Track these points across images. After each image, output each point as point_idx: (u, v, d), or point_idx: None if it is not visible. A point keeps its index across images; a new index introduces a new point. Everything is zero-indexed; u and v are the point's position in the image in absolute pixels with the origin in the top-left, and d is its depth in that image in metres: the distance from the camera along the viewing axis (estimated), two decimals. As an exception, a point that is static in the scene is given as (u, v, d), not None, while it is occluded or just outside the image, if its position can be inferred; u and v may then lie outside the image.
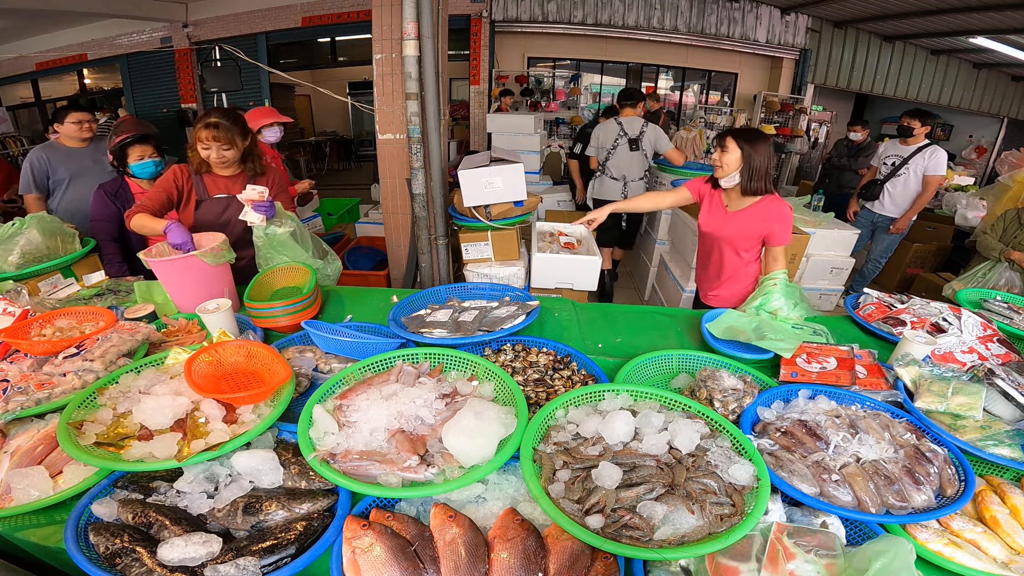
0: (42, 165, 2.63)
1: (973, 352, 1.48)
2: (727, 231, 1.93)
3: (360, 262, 3.78)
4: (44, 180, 2.66)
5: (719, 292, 2.07)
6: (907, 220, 3.93)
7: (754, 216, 1.85)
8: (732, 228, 1.91)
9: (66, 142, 2.72)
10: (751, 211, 1.86)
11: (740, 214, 1.88)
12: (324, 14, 6.77)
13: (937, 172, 3.69)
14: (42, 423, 1.13)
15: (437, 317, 1.57)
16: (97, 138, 2.80)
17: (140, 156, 2.17)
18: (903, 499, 0.95)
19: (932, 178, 3.70)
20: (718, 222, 1.95)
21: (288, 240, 1.87)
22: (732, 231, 1.91)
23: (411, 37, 2.29)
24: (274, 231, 1.84)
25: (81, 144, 2.71)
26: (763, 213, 1.84)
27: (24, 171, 2.65)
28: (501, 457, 0.95)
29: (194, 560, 0.80)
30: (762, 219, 1.84)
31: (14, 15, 6.20)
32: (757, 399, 1.21)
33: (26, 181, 2.65)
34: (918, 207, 3.84)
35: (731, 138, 1.79)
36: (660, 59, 7.91)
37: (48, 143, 2.76)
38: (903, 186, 3.86)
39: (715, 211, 1.97)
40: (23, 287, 1.65)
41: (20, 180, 2.69)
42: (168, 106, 7.43)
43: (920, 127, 3.75)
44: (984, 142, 8.61)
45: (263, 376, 1.21)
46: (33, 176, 2.63)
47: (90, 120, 2.73)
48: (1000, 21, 5.65)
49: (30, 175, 2.63)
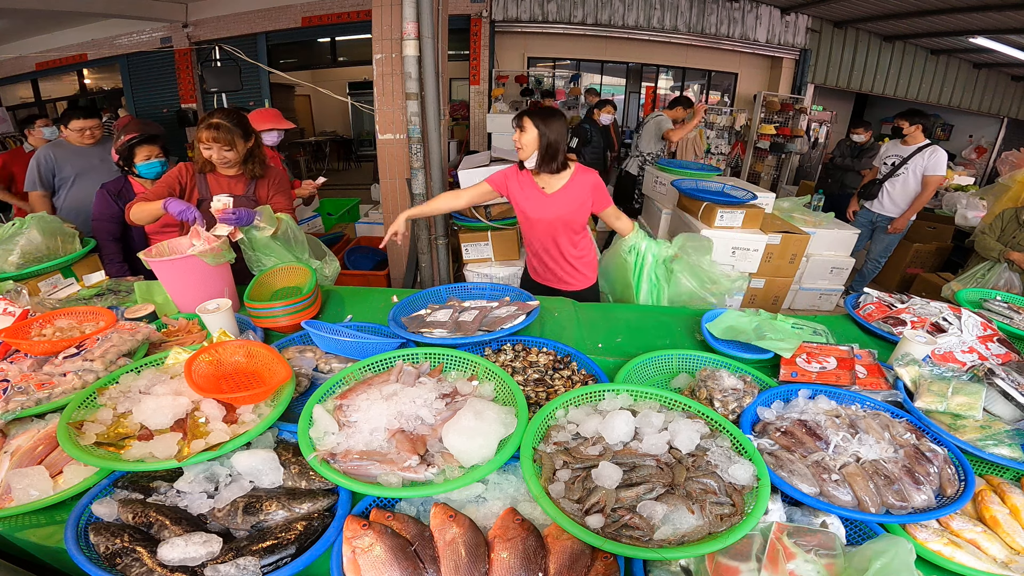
0: (48, 163, 2.66)
1: (973, 352, 1.48)
2: (556, 212, 1.95)
3: (360, 262, 3.79)
4: (50, 178, 2.69)
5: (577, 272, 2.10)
6: (905, 220, 3.93)
7: (573, 190, 1.93)
8: (560, 208, 1.94)
9: (73, 140, 2.75)
10: (569, 187, 1.93)
11: (560, 193, 1.94)
12: (324, 14, 6.77)
13: (936, 172, 3.68)
14: (42, 423, 1.13)
15: (437, 317, 1.57)
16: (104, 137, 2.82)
17: (147, 156, 2.18)
18: (903, 499, 0.95)
19: (931, 178, 3.70)
20: (542, 207, 1.97)
21: (271, 243, 1.85)
22: (563, 211, 1.94)
23: (411, 37, 2.29)
24: (254, 235, 1.83)
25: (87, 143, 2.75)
26: (579, 186, 1.93)
27: (31, 168, 2.68)
28: (501, 457, 0.95)
29: (194, 560, 0.80)
30: (581, 191, 1.93)
31: (14, 15, 6.20)
32: (757, 399, 1.21)
33: (32, 178, 2.68)
34: (917, 207, 3.83)
35: (527, 118, 1.85)
36: (660, 59, 7.91)
37: (56, 141, 2.79)
38: (902, 186, 3.86)
39: (534, 198, 1.98)
40: (23, 287, 1.65)
41: (26, 177, 2.71)
42: (168, 106, 7.44)
43: (909, 127, 3.77)
44: (984, 142, 8.61)
45: (263, 376, 1.21)
46: (39, 173, 2.66)
47: (94, 127, 2.75)
48: (1000, 21, 5.65)
49: (36, 173, 2.66)
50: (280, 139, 3.28)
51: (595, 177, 1.94)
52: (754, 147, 7.99)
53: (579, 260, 2.09)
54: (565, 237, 2.03)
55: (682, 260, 2.00)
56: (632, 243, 2.03)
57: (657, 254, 2.01)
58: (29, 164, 2.69)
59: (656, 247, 2.01)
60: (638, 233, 2.04)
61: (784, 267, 3.34)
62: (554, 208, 1.95)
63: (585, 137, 4.83)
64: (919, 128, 3.75)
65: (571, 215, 1.96)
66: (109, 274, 2.05)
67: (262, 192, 2.02)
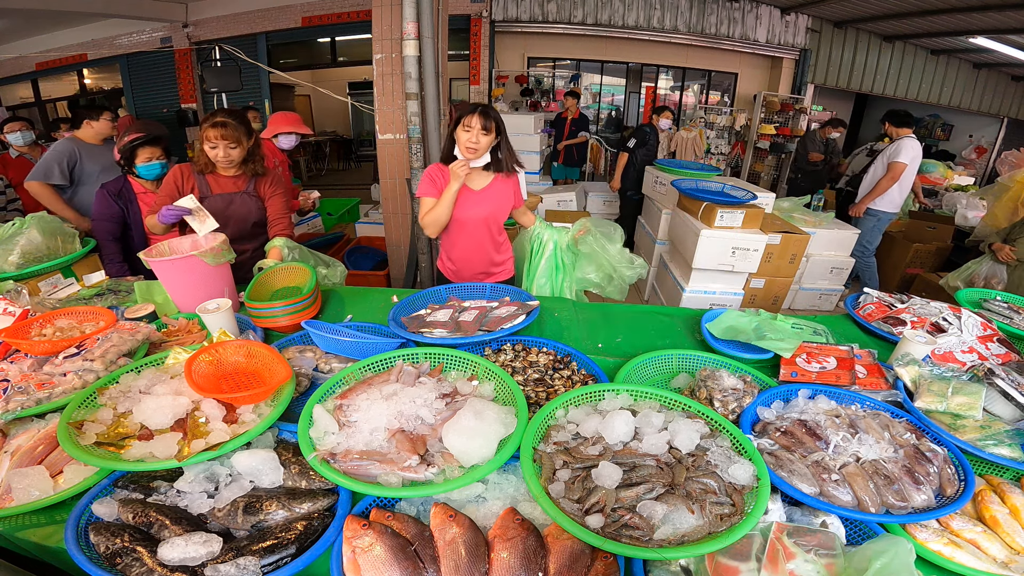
0: (73, 156, 2.65)
1: (973, 352, 1.48)
2: (489, 208, 1.99)
3: (360, 262, 3.79)
4: (69, 169, 2.66)
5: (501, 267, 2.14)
6: (863, 205, 4.05)
7: (500, 186, 1.99)
8: (491, 204, 1.99)
9: (88, 139, 2.78)
10: (496, 183, 1.99)
11: (488, 190, 1.99)
12: (324, 14, 6.77)
13: (896, 158, 3.81)
14: (42, 423, 1.13)
15: (437, 317, 1.58)
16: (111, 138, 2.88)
17: (148, 158, 2.18)
18: (903, 499, 0.95)
19: (892, 164, 3.84)
20: (470, 204, 1.97)
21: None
22: (493, 207, 1.99)
23: (411, 37, 2.29)
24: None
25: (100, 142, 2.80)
26: (505, 181, 2.00)
27: (47, 158, 2.63)
28: (501, 457, 0.95)
29: (194, 560, 0.80)
30: (507, 186, 2.00)
31: (14, 15, 6.20)
32: (757, 399, 1.21)
33: (47, 168, 2.62)
34: (876, 192, 3.93)
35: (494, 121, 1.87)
36: (660, 59, 7.91)
37: (71, 137, 2.81)
38: (871, 175, 4.04)
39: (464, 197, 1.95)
40: (23, 287, 1.65)
41: (38, 166, 2.65)
42: (168, 106, 7.44)
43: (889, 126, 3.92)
44: (984, 142, 8.60)
45: (263, 376, 1.21)
46: (59, 164, 2.62)
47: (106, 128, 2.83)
48: (1000, 21, 5.65)
49: (54, 162, 2.62)
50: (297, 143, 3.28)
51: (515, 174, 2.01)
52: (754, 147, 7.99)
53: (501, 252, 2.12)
54: (491, 231, 2.05)
55: (587, 246, 2.04)
56: (534, 232, 2.11)
57: (559, 240, 2.07)
58: (45, 154, 2.67)
59: (557, 234, 2.07)
60: (540, 223, 2.13)
61: (784, 267, 3.35)
62: (483, 206, 1.98)
63: (643, 139, 4.95)
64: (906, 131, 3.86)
65: (498, 210, 2.01)
66: (109, 274, 2.05)
67: (262, 190, 2.04)
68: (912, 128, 3.91)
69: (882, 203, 4.00)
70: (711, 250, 3.08)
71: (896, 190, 3.93)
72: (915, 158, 3.85)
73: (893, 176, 3.83)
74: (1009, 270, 3.06)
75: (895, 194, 3.96)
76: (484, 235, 2.03)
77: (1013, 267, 3.04)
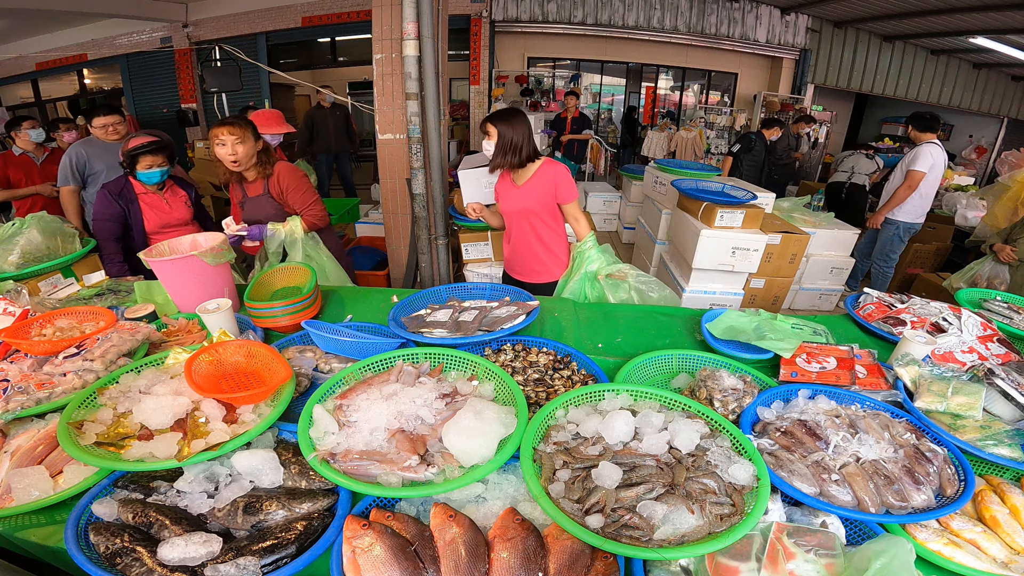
0: (80, 160, 2.87)
1: (973, 352, 1.48)
2: (526, 203, 2.07)
3: (360, 262, 3.78)
4: (81, 173, 2.89)
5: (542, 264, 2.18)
6: (880, 215, 3.91)
7: (539, 181, 2.04)
8: (529, 198, 2.06)
9: (101, 137, 2.93)
10: (535, 178, 2.04)
11: (528, 184, 2.06)
12: (324, 14, 6.77)
13: (914, 166, 3.66)
14: (42, 423, 1.13)
15: (437, 317, 1.58)
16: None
17: (149, 165, 2.19)
18: (903, 499, 0.95)
19: (909, 172, 3.70)
20: (514, 198, 2.10)
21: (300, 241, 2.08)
22: (530, 201, 2.07)
23: (411, 37, 2.29)
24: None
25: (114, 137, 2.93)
26: (545, 176, 2.03)
27: (63, 165, 2.88)
28: (501, 457, 0.95)
29: (194, 560, 0.80)
30: (546, 181, 2.03)
31: (14, 15, 6.21)
32: (757, 399, 1.21)
33: (64, 174, 2.87)
34: (894, 202, 3.79)
35: (490, 123, 1.97)
36: (660, 59, 7.92)
37: (87, 139, 3.00)
38: (891, 183, 3.92)
39: (508, 191, 2.13)
40: (23, 287, 1.65)
41: (59, 173, 2.91)
42: (168, 106, 7.44)
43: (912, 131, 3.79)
44: (984, 142, 8.62)
45: (263, 376, 1.21)
46: (72, 169, 2.86)
47: (116, 123, 2.96)
48: (1000, 21, 5.65)
49: (69, 168, 2.86)
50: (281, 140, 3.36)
51: (561, 168, 2.03)
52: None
53: (546, 251, 2.16)
54: (534, 227, 2.12)
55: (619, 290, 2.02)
56: (581, 247, 2.11)
57: (595, 269, 2.06)
58: (61, 161, 2.88)
59: (598, 259, 2.06)
60: (589, 240, 2.10)
61: (784, 267, 3.35)
62: (524, 199, 2.07)
63: (748, 145, 5.04)
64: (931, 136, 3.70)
65: (537, 205, 2.06)
66: (109, 274, 2.05)
67: (275, 190, 2.16)
68: (937, 133, 3.69)
69: (900, 213, 3.80)
70: (711, 250, 3.08)
71: (916, 199, 3.72)
72: (935, 166, 3.62)
73: (911, 185, 3.64)
74: (1011, 270, 3.05)
75: (915, 203, 3.75)
76: (526, 229, 2.13)
77: (1015, 267, 3.04)
